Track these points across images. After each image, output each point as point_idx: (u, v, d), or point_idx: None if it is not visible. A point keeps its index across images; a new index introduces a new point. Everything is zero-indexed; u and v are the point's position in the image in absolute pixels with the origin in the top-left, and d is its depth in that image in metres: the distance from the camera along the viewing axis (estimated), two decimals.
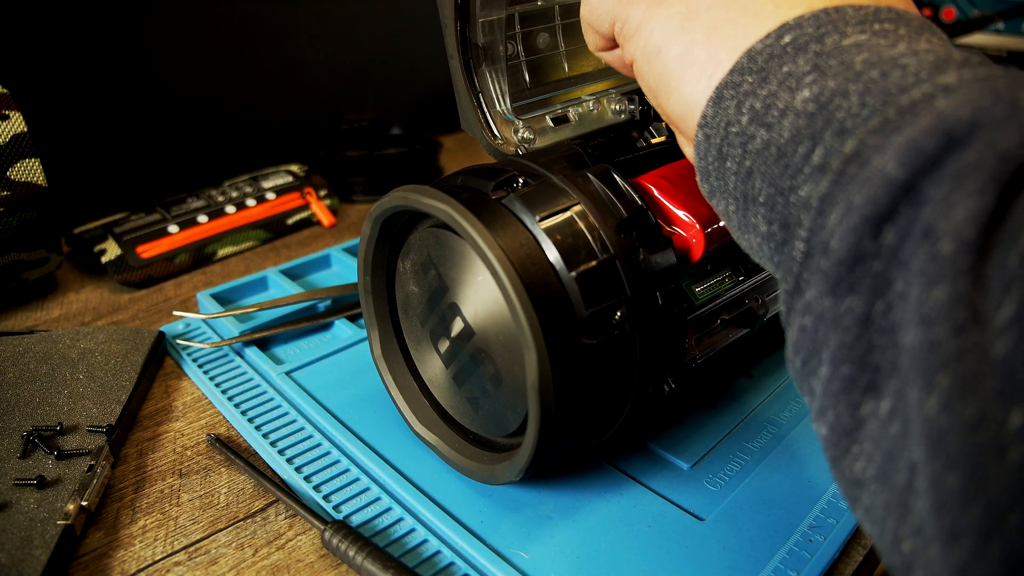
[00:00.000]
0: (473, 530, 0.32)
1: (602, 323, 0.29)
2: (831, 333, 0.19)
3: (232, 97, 0.75)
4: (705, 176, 0.25)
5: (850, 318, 0.19)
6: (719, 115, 0.23)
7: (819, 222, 0.20)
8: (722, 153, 0.24)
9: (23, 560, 0.30)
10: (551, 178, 0.31)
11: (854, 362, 0.19)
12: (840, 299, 0.19)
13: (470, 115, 0.36)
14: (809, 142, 0.21)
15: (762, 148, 0.22)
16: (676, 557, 0.31)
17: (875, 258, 0.18)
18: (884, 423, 0.18)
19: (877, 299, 0.18)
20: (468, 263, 0.30)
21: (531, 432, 0.29)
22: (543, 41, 0.38)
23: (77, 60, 0.63)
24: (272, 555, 0.32)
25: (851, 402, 0.19)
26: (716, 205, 0.26)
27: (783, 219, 0.22)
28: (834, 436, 0.20)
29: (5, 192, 0.47)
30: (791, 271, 0.21)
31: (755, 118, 0.22)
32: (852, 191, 0.19)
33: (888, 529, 0.18)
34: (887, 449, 0.18)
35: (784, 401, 0.40)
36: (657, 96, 0.27)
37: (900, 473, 0.17)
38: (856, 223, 0.18)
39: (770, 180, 0.22)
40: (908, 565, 0.18)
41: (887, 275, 0.18)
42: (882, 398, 0.18)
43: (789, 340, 0.22)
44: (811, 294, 0.20)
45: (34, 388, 0.40)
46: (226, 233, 0.61)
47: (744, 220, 0.24)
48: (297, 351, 0.46)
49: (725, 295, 0.35)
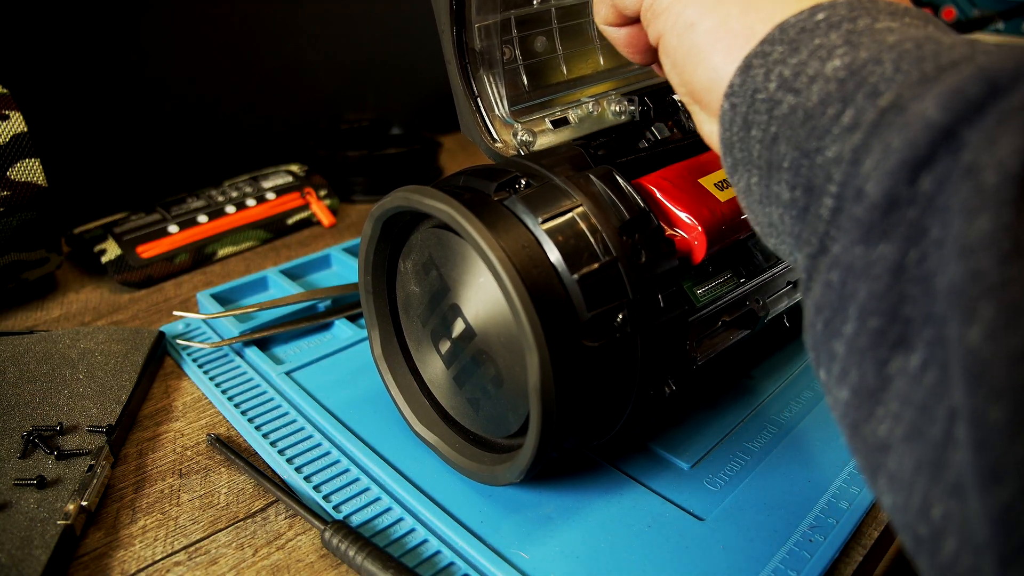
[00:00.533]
0: (473, 530, 0.32)
1: (604, 325, 0.29)
2: (861, 283, 0.19)
3: (232, 97, 0.75)
4: (728, 148, 0.25)
5: (882, 266, 0.18)
6: (746, 83, 0.24)
7: (852, 171, 0.19)
8: (747, 121, 0.24)
9: (23, 560, 0.30)
10: (553, 179, 0.31)
11: (884, 314, 0.18)
12: (872, 246, 0.18)
13: (469, 119, 0.37)
14: (839, 104, 0.20)
15: (788, 113, 0.22)
16: (676, 557, 0.31)
17: (910, 205, 0.18)
18: (915, 377, 0.17)
19: (911, 247, 0.18)
20: (470, 264, 0.30)
21: (532, 434, 0.29)
22: (541, 45, 0.38)
23: (77, 60, 0.63)
24: (272, 555, 0.32)
25: (878, 358, 0.18)
26: (738, 181, 0.26)
27: (807, 182, 0.21)
28: (857, 399, 0.19)
29: (5, 192, 0.47)
30: (816, 232, 0.21)
31: (783, 84, 0.22)
32: (890, 136, 0.18)
33: (917, 494, 0.17)
34: (920, 402, 0.17)
35: (784, 401, 0.40)
36: (683, 71, 0.27)
37: (936, 425, 0.17)
38: (893, 167, 0.18)
39: (795, 144, 0.22)
40: (938, 533, 0.17)
41: (922, 222, 0.17)
42: (912, 352, 0.17)
43: (810, 303, 0.21)
44: (839, 247, 0.20)
45: (34, 388, 0.40)
46: (226, 233, 0.61)
47: (767, 190, 0.24)
48: (297, 351, 0.46)
49: (726, 297, 0.36)
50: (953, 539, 0.16)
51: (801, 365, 0.43)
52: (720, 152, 0.26)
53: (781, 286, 0.39)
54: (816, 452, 0.37)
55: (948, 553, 0.17)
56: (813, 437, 0.38)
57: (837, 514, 0.33)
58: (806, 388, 0.41)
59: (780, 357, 0.44)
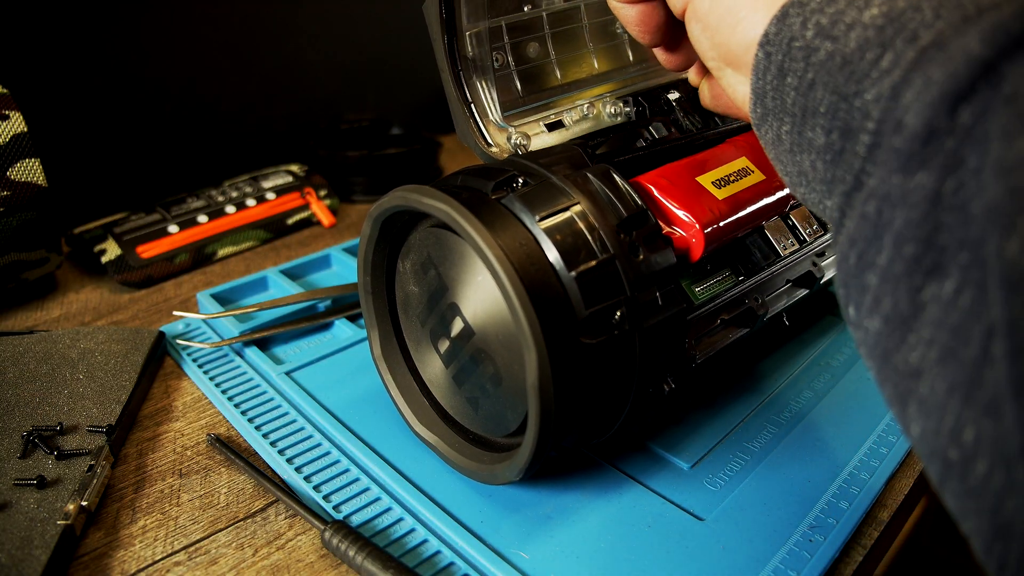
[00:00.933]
0: (473, 530, 0.32)
1: (602, 323, 0.29)
2: (897, 211, 0.19)
3: (232, 97, 0.75)
4: (760, 98, 0.25)
5: (919, 194, 0.19)
6: (783, 32, 0.24)
7: (891, 106, 0.20)
8: (783, 69, 0.24)
9: (23, 560, 0.30)
10: (551, 178, 0.31)
11: (920, 241, 0.18)
12: (910, 175, 0.19)
13: (463, 125, 0.37)
14: (878, 48, 0.21)
15: (826, 59, 0.22)
16: (676, 557, 0.31)
17: (949, 135, 0.18)
18: (950, 302, 0.18)
19: (948, 175, 0.18)
20: (468, 263, 0.30)
21: (531, 432, 0.29)
22: (533, 50, 0.38)
23: (77, 60, 0.63)
24: (272, 555, 0.32)
25: (912, 285, 0.19)
26: (766, 133, 0.26)
27: (844, 125, 0.22)
28: (889, 327, 0.19)
29: (5, 192, 0.47)
30: (851, 169, 0.21)
31: (820, 32, 0.22)
32: (931, 69, 0.19)
33: (949, 416, 0.18)
34: (955, 325, 0.18)
35: (784, 401, 0.40)
36: (717, 32, 0.27)
37: (972, 345, 0.17)
38: (934, 98, 0.18)
39: (833, 88, 0.22)
40: (969, 456, 0.17)
41: (960, 153, 0.18)
42: (946, 278, 0.18)
43: (843, 239, 0.21)
44: (876, 180, 0.20)
45: (34, 388, 0.40)
46: (226, 233, 0.61)
47: (800, 137, 0.24)
48: (297, 351, 0.46)
49: (725, 295, 0.35)
50: (985, 459, 0.17)
51: (801, 365, 0.43)
52: (750, 102, 0.26)
53: (780, 284, 0.39)
54: (816, 452, 0.37)
55: (980, 474, 0.17)
56: (813, 437, 0.38)
57: (837, 514, 0.33)
58: (806, 388, 0.41)
59: (780, 356, 0.44)
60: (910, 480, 0.36)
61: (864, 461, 0.36)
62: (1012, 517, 0.16)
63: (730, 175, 0.35)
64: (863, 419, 0.39)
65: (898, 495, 0.35)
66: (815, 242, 0.40)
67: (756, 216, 0.36)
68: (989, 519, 0.17)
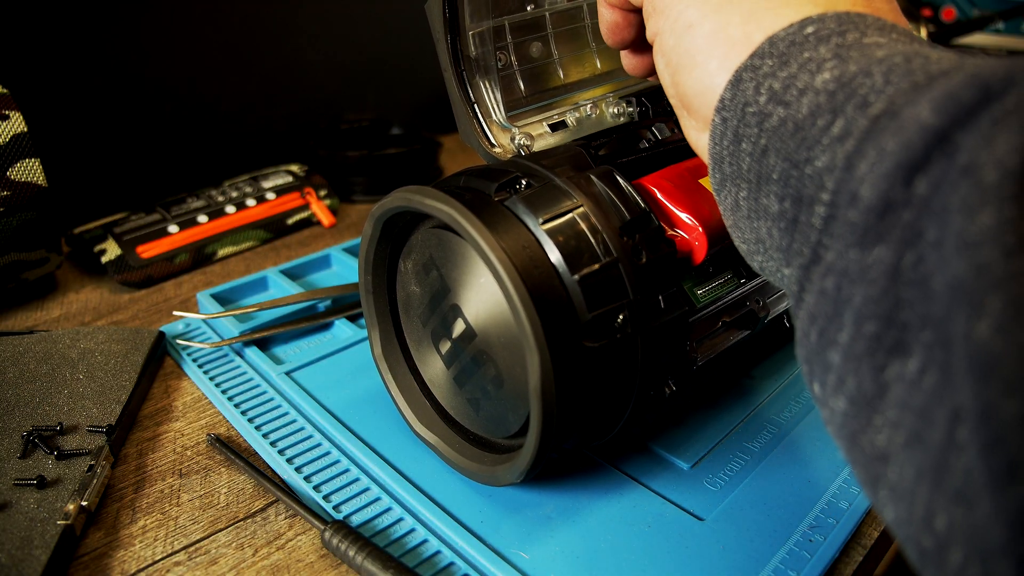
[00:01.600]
0: (473, 530, 0.32)
1: (604, 326, 0.29)
2: (856, 288, 0.19)
3: (232, 97, 0.75)
4: (718, 163, 0.25)
5: (878, 269, 0.18)
6: (737, 97, 0.24)
7: (846, 177, 0.19)
8: (738, 135, 0.24)
9: (23, 560, 0.30)
10: (554, 180, 0.31)
11: (880, 318, 0.18)
12: (867, 250, 0.18)
13: (466, 125, 0.37)
14: (829, 115, 0.21)
15: (778, 125, 0.22)
16: (676, 557, 0.31)
17: (906, 207, 0.18)
18: (914, 382, 0.17)
19: (907, 250, 0.17)
20: (470, 265, 0.30)
21: (533, 435, 0.29)
22: (537, 50, 0.39)
23: (77, 60, 0.63)
24: (272, 555, 0.32)
25: (875, 364, 0.18)
26: (725, 198, 0.26)
27: (796, 193, 0.21)
28: (854, 408, 0.19)
29: (5, 192, 0.47)
30: (808, 241, 0.21)
31: (773, 97, 0.22)
32: (884, 139, 0.19)
33: (919, 504, 0.17)
34: (920, 407, 0.17)
35: (784, 401, 0.40)
36: (677, 72, 0.27)
37: (938, 428, 0.16)
38: (888, 169, 0.18)
39: (785, 155, 0.22)
40: (943, 544, 0.16)
41: (918, 225, 0.17)
42: (909, 357, 0.17)
43: (803, 315, 0.21)
44: (833, 254, 0.20)
45: (34, 388, 0.40)
46: (226, 233, 0.61)
47: (755, 203, 0.24)
48: (297, 351, 0.46)
49: (726, 297, 0.36)
50: (959, 549, 0.16)
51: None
52: (709, 167, 0.26)
53: None
54: (816, 452, 0.37)
55: (955, 564, 0.16)
56: (813, 437, 0.38)
57: (837, 514, 0.33)
58: (806, 388, 0.41)
59: (780, 357, 0.44)
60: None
61: None
62: None
63: None
64: None
65: None
66: None
67: None
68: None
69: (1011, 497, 0.15)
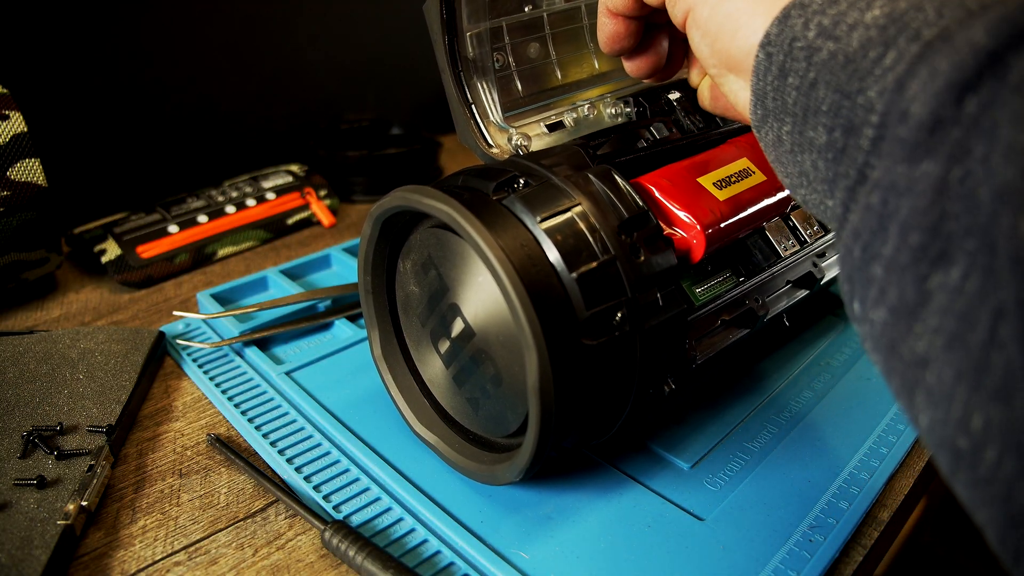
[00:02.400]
0: (473, 530, 0.32)
1: (603, 324, 0.29)
2: (903, 201, 0.19)
3: (232, 97, 0.75)
4: (760, 99, 0.26)
5: (925, 183, 0.19)
6: (784, 32, 0.24)
7: (896, 97, 0.20)
8: (784, 69, 0.24)
9: (23, 560, 0.30)
10: (552, 179, 0.31)
11: (926, 229, 0.18)
12: (916, 164, 0.19)
13: (464, 126, 0.37)
14: (881, 47, 0.21)
15: (828, 58, 0.22)
16: (676, 557, 0.31)
17: (955, 125, 0.18)
18: (957, 288, 0.18)
19: (955, 165, 0.18)
20: (469, 264, 0.30)
21: (531, 433, 0.29)
22: (534, 51, 0.39)
23: (77, 60, 0.63)
24: (272, 555, 0.32)
25: (919, 274, 0.19)
26: (767, 134, 0.26)
27: (847, 122, 0.22)
28: (895, 317, 0.20)
29: (5, 192, 0.47)
30: (854, 163, 0.21)
31: (822, 32, 0.23)
32: (936, 60, 0.19)
33: (957, 404, 0.18)
34: (961, 311, 0.18)
35: (784, 401, 0.40)
36: (717, 39, 0.27)
37: (979, 328, 0.17)
38: (940, 88, 0.19)
39: (835, 87, 0.22)
40: (978, 444, 0.17)
41: (967, 142, 0.18)
42: (953, 266, 0.18)
43: (847, 234, 0.22)
44: (879, 171, 0.20)
45: (34, 388, 0.40)
46: (226, 233, 0.61)
47: (801, 137, 0.24)
48: (297, 351, 0.46)
49: (725, 296, 0.36)
50: (995, 446, 0.17)
51: (801, 365, 0.43)
52: (750, 104, 0.26)
53: (780, 285, 0.39)
54: (816, 452, 0.37)
55: (990, 462, 0.17)
56: (813, 437, 0.38)
57: (837, 514, 0.33)
58: (806, 388, 0.41)
59: (780, 356, 0.44)
60: (910, 480, 0.36)
61: (864, 461, 0.36)
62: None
63: (731, 176, 0.35)
64: (863, 419, 0.39)
65: (898, 495, 0.35)
66: (816, 243, 0.40)
67: (757, 217, 0.36)
68: (1001, 508, 0.17)
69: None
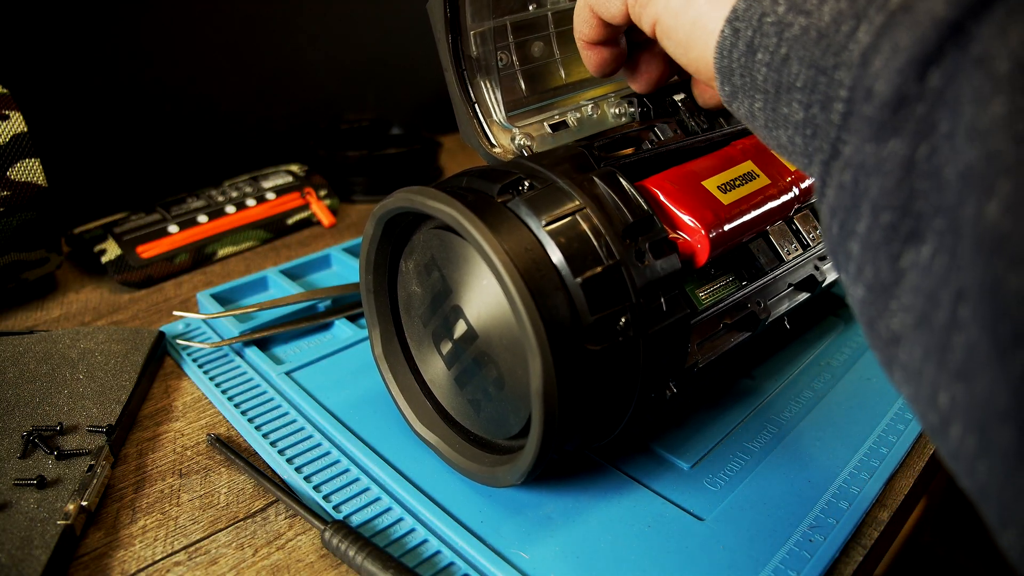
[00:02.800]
0: (473, 530, 0.32)
1: (606, 329, 0.29)
2: (872, 180, 0.19)
3: (232, 97, 0.75)
4: (727, 76, 0.25)
5: (893, 161, 0.19)
6: (752, 8, 0.24)
7: (861, 73, 0.20)
8: (752, 46, 0.24)
9: (23, 560, 0.30)
10: (556, 181, 0.31)
11: (896, 208, 0.18)
12: (883, 144, 0.19)
13: (467, 125, 0.37)
14: (852, 20, 0.21)
15: (800, 34, 0.22)
16: (676, 557, 0.31)
17: (919, 101, 0.18)
18: (925, 267, 0.18)
19: (921, 141, 0.18)
20: (472, 266, 0.30)
21: (534, 437, 0.29)
22: (538, 50, 0.39)
23: (77, 60, 0.63)
24: (272, 555, 0.32)
25: (891, 253, 0.19)
26: (738, 108, 0.26)
27: (824, 98, 0.21)
28: (871, 295, 0.20)
29: (5, 192, 0.47)
30: (827, 138, 0.21)
31: (792, 7, 0.22)
32: (898, 34, 0.19)
33: (925, 382, 0.18)
34: (929, 290, 0.18)
35: (784, 401, 0.40)
36: (691, 47, 0.27)
37: (943, 309, 0.17)
38: (902, 64, 0.18)
39: (810, 62, 0.22)
40: (944, 420, 0.17)
41: (932, 118, 0.18)
42: (923, 244, 0.18)
43: (825, 208, 0.22)
44: (850, 148, 0.20)
45: (34, 388, 0.40)
46: (226, 233, 0.61)
47: (774, 114, 0.24)
48: (297, 351, 0.46)
49: (728, 299, 0.36)
50: (958, 424, 0.17)
51: (801, 365, 0.43)
52: (716, 82, 0.26)
53: (782, 288, 0.39)
54: (816, 452, 0.37)
55: (955, 437, 0.17)
56: (813, 437, 0.38)
57: (837, 514, 0.33)
58: (806, 388, 0.42)
59: (781, 358, 0.44)
60: (910, 480, 0.36)
61: (864, 461, 0.36)
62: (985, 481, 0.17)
63: (735, 179, 0.35)
64: (863, 419, 0.39)
65: (898, 495, 0.35)
66: (818, 246, 0.40)
67: (761, 221, 0.36)
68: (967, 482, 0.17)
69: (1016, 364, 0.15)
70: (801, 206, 0.38)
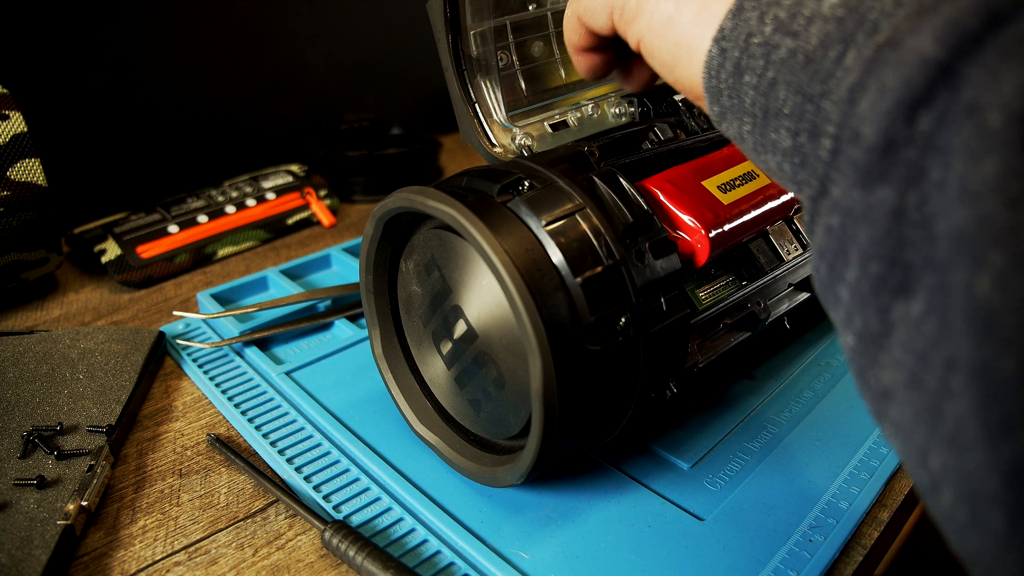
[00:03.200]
0: (473, 530, 0.32)
1: (606, 329, 0.29)
2: (860, 228, 0.18)
3: (232, 97, 0.75)
4: (716, 96, 0.24)
5: (880, 210, 0.18)
6: (739, 27, 0.23)
7: (848, 111, 0.19)
8: (740, 67, 0.23)
9: (23, 560, 0.30)
10: (556, 181, 0.31)
11: (884, 259, 0.18)
12: (870, 190, 0.18)
13: (467, 125, 0.37)
14: (840, 45, 0.20)
15: (787, 57, 0.21)
16: (676, 557, 0.31)
17: (908, 145, 0.17)
18: (916, 325, 0.17)
19: (910, 189, 0.17)
20: (472, 266, 0.30)
21: (534, 437, 0.29)
22: (538, 49, 0.39)
23: (77, 60, 0.63)
24: (272, 555, 0.32)
25: (880, 305, 0.18)
26: (727, 129, 0.25)
27: (812, 127, 0.20)
28: (861, 345, 0.19)
29: (5, 192, 0.47)
30: (815, 173, 0.20)
31: (779, 27, 0.21)
32: (885, 74, 0.18)
33: (916, 443, 0.17)
34: (919, 351, 0.17)
35: (784, 402, 0.40)
36: (675, 66, 0.26)
37: (933, 375, 0.16)
38: (889, 106, 0.17)
39: (797, 88, 0.21)
40: (936, 483, 0.17)
41: (921, 163, 0.17)
42: (914, 299, 0.17)
43: (814, 247, 0.21)
44: (839, 190, 0.19)
45: (34, 388, 0.40)
46: (226, 233, 0.61)
47: (762, 138, 0.23)
48: (297, 351, 0.46)
49: (728, 299, 0.36)
50: (950, 490, 0.16)
51: (801, 366, 0.43)
52: (706, 102, 0.25)
53: (782, 288, 0.39)
54: (816, 452, 0.37)
55: (946, 503, 0.17)
56: (813, 437, 0.38)
57: (837, 514, 0.33)
58: (806, 388, 0.42)
59: (781, 358, 0.44)
60: (910, 480, 0.36)
61: (864, 461, 0.36)
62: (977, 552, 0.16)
63: (735, 179, 0.35)
64: (863, 419, 0.39)
65: (898, 495, 0.35)
66: None
67: (761, 221, 0.36)
68: (959, 548, 0.17)
69: (1006, 451, 0.15)
70: (801, 206, 0.38)
